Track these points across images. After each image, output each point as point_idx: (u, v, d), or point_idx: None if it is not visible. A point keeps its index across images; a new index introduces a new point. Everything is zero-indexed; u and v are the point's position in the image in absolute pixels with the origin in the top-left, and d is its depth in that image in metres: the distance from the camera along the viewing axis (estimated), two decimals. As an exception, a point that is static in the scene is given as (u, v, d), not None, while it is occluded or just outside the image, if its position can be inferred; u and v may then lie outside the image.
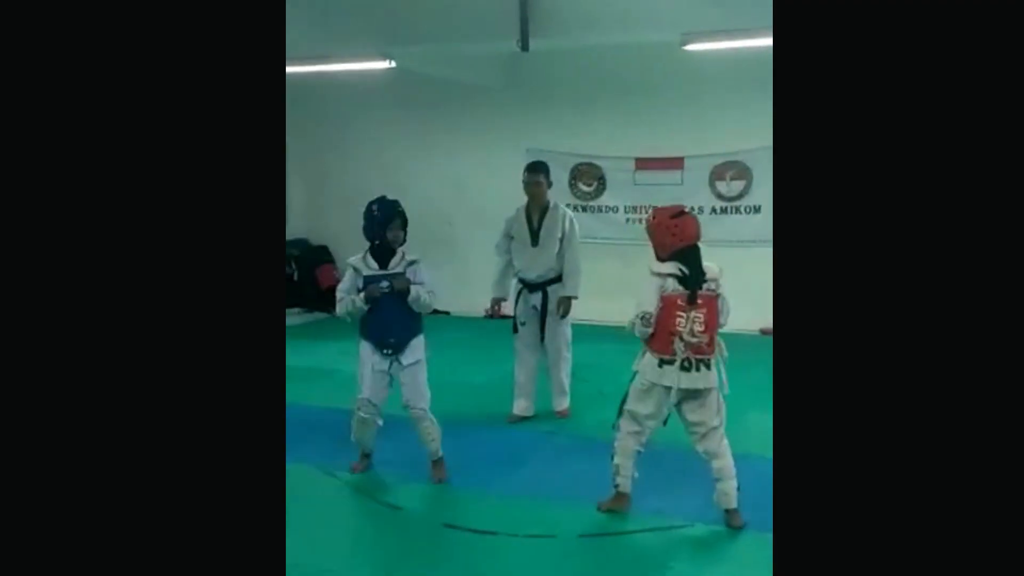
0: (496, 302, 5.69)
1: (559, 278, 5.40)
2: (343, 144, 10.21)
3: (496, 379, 6.06)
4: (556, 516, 3.86)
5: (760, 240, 7.69)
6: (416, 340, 4.34)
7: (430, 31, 6.86)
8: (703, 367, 3.61)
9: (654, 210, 3.95)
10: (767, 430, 1.93)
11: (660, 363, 3.63)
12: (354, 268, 4.33)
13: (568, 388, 5.62)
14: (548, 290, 5.40)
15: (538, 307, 5.43)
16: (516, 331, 5.47)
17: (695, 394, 3.65)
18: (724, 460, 3.70)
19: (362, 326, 4.32)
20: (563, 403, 5.62)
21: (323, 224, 10.49)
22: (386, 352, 4.25)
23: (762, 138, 4.37)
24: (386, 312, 4.22)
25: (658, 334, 3.62)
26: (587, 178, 8.96)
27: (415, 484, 4.33)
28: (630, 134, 8.58)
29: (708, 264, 3.68)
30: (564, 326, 5.51)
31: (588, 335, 7.62)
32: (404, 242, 4.32)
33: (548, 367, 5.60)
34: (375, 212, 4.28)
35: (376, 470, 4.53)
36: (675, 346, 3.57)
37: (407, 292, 4.21)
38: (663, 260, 3.69)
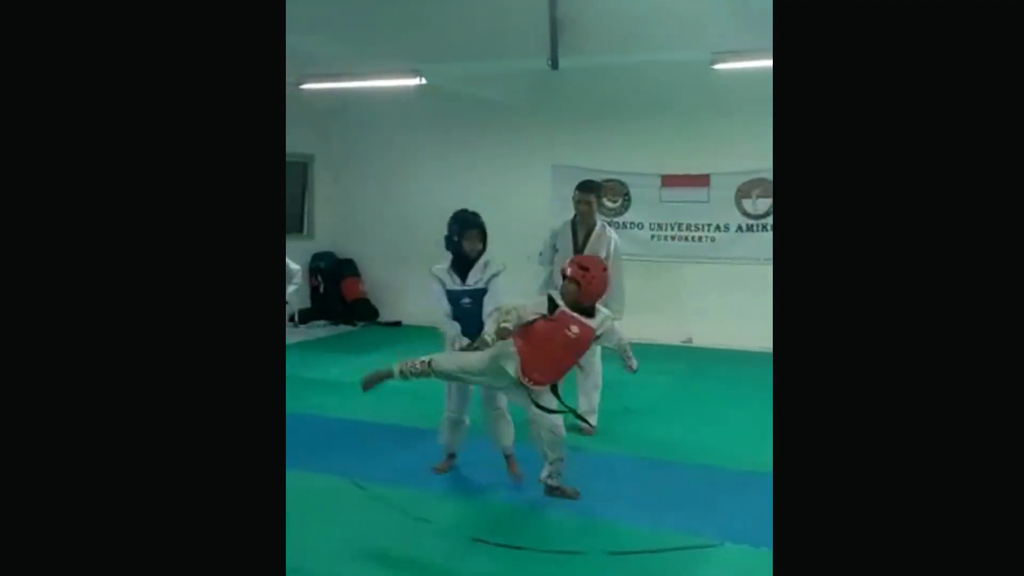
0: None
1: None
2: (370, 159, 10.31)
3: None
4: (584, 533, 3.87)
5: (786, 259, 7.67)
6: None
7: (461, 49, 6.94)
8: None
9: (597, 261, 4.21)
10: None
11: None
12: (439, 280, 4.45)
13: (596, 407, 5.63)
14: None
15: None
16: None
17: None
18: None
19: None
20: (590, 420, 5.61)
21: (349, 238, 10.58)
22: None
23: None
24: (466, 324, 4.36)
25: None
26: (612, 195, 8.99)
27: (443, 497, 4.35)
28: (656, 151, 8.61)
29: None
30: (596, 344, 5.54)
31: (612, 351, 7.64)
32: (482, 252, 4.46)
33: (577, 382, 5.62)
34: (452, 224, 4.44)
35: (404, 482, 4.55)
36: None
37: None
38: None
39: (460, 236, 4.42)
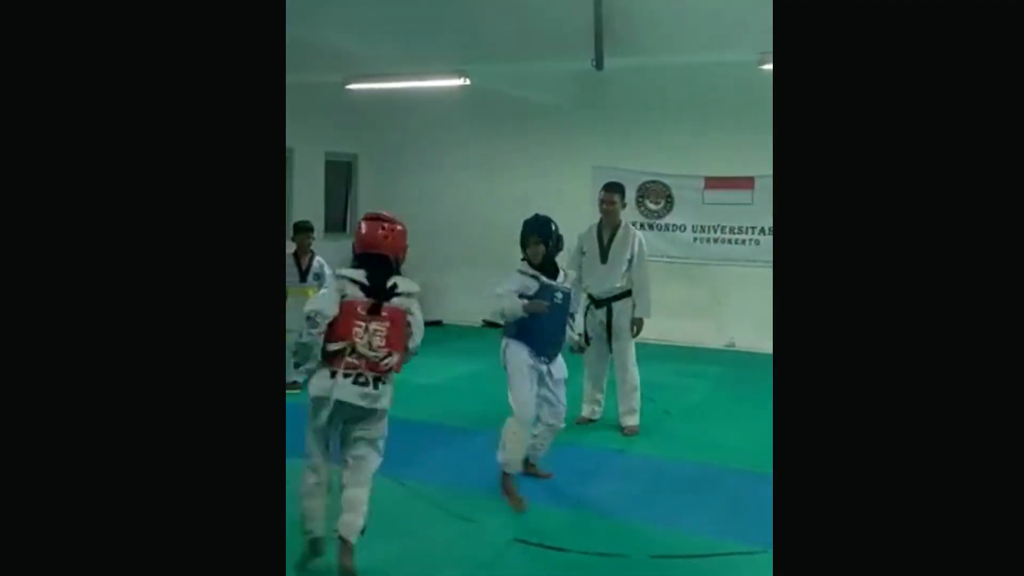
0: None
1: (624, 295, 5.55)
2: (414, 159, 10.38)
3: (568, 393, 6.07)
4: (627, 536, 3.85)
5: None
6: (560, 358, 4.43)
7: (505, 49, 6.96)
8: (380, 385, 3.32)
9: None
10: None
11: (332, 374, 3.29)
12: (521, 272, 4.36)
13: (638, 406, 5.62)
14: (613, 306, 5.54)
15: (604, 322, 5.58)
16: (588, 343, 5.49)
17: (365, 412, 3.35)
18: (359, 492, 3.39)
19: (521, 330, 4.31)
20: (631, 420, 5.61)
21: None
22: (543, 360, 4.35)
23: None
24: (550, 323, 4.31)
25: (334, 343, 3.30)
26: (655, 196, 8.93)
27: (484, 496, 4.36)
28: (700, 152, 8.53)
29: (405, 280, 3.43)
30: (629, 343, 5.60)
31: (653, 354, 7.59)
32: (545, 256, 4.30)
33: (616, 384, 5.62)
34: (523, 228, 4.41)
35: (444, 480, 4.57)
36: (347, 358, 3.26)
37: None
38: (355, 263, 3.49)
39: (523, 245, 4.34)
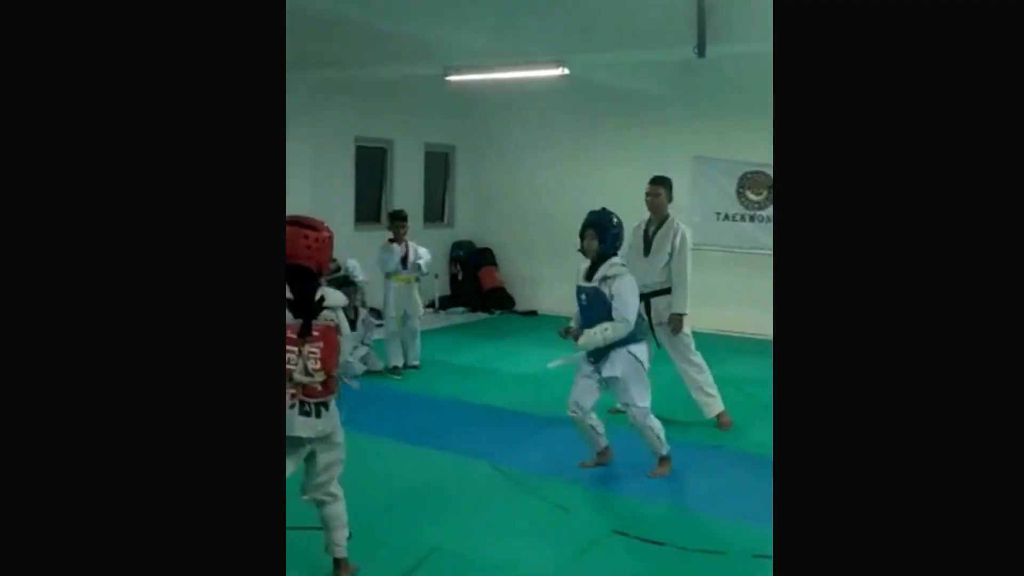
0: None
1: (664, 291, 5.44)
2: (511, 149, 10.42)
3: (666, 388, 6.02)
4: (727, 533, 3.79)
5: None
6: (616, 353, 4.33)
7: (605, 38, 6.89)
8: (323, 410, 3.04)
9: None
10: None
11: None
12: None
13: (713, 391, 5.54)
14: (652, 301, 5.43)
15: (644, 316, 5.35)
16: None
17: (324, 443, 3.13)
18: (335, 507, 3.23)
19: None
20: (713, 406, 5.53)
21: (489, 228, 10.74)
22: (590, 361, 4.40)
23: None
24: (584, 323, 4.40)
25: None
26: (756, 187, 8.72)
27: (581, 486, 4.37)
28: (805, 142, 8.27)
29: (331, 291, 3.15)
30: (678, 338, 5.49)
31: (751, 349, 7.44)
32: (598, 252, 4.34)
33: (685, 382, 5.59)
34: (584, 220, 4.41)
35: (542, 468, 4.59)
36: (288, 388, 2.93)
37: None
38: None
39: (581, 237, 4.39)
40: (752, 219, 8.65)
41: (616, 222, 4.38)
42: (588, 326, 4.32)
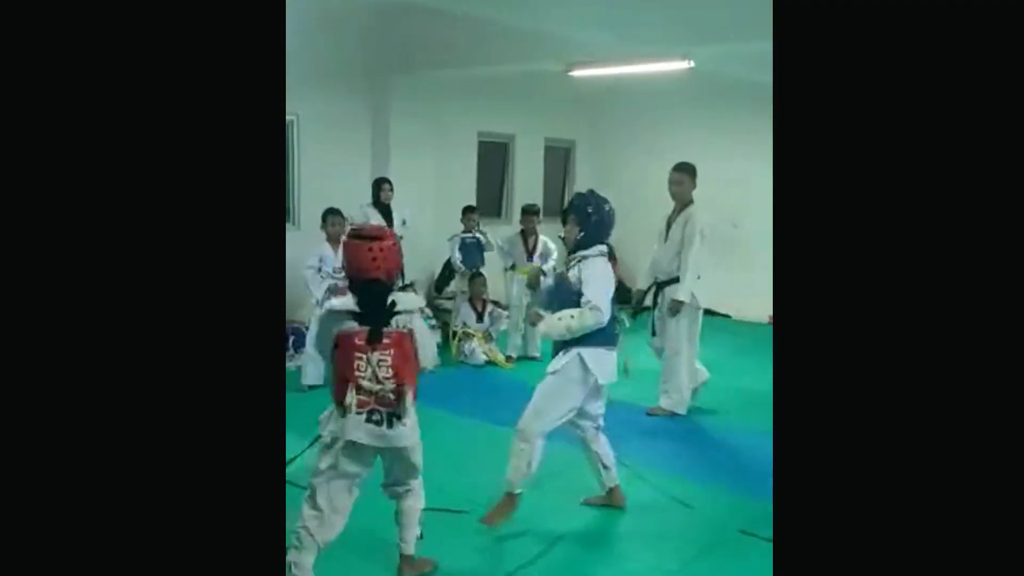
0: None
1: (676, 279, 5.40)
2: (633, 144, 10.36)
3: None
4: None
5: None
6: (568, 351, 3.70)
7: (733, 30, 6.74)
8: (396, 421, 2.94)
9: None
10: None
11: (342, 414, 2.95)
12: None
13: (676, 389, 5.55)
14: (666, 290, 5.46)
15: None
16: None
17: (394, 452, 3.06)
18: (409, 502, 3.21)
19: None
20: (662, 400, 5.59)
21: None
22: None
23: None
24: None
25: (337, 380, 2.97)
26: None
27: (707, 483, 4.32)
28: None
29: (404, 296, 3.06)
30: (675, 326, 5.46)
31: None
32: (578, 242, 3.74)
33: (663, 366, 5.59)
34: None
35: (666, 465, 4.57)
36: (350, 396, 2.89)
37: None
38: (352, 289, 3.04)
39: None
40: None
41: (600, 207, 3.74)
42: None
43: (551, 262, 6.97)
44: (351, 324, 2.93)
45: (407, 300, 3.05)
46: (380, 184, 7.10)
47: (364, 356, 2.90)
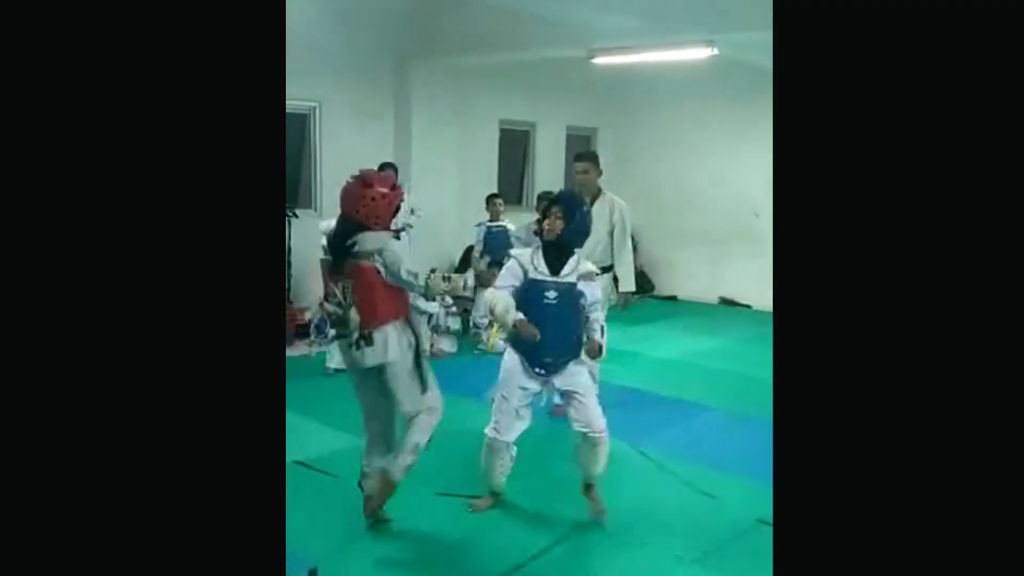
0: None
1: (605, 270, 5.10)
2: (655, 132, 10.32)
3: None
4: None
5: None
6: (576, 365, 3.70)
7: (758, 16, 6.67)
8: (362, 343, 3.34)
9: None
10: None
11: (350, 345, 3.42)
12: (515, 259, 3.79)
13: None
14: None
15: None
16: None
17: (372, 376, 3.45)
18: (432, 417, 3.56)
19: (515, 336, 3.70)
20: None
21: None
22: (538, 372, 3.70)
23: None
24: (544, 326, 3.56)
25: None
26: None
27: (729, 474, 4.31)
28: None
29: (370, 235, 3.32)
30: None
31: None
32: (562, 236, 3.61)
33: None
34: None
35: (688, 455, 4.56)
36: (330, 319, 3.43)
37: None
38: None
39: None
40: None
41: (587, 204, 3.75)
42: (553, 333, 3.51)
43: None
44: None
45: (368, 241, 3.31)
46: (383, 169, 7.08)
47: (332, 285, 3.35)
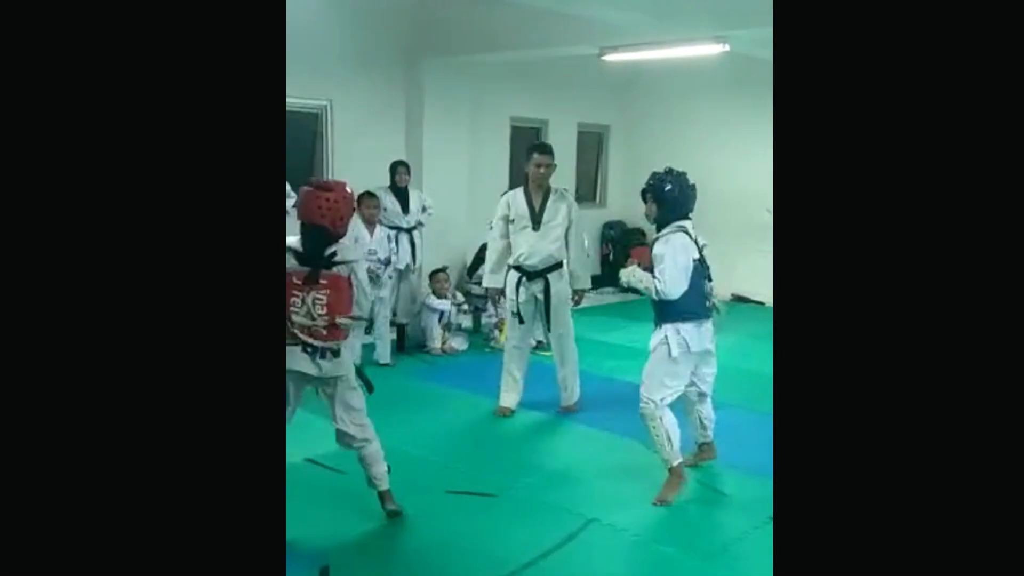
0: (498, 294, 5.56)
1: (558, 265, 5.19)
2: (667, 128, 10.27)
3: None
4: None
5: None
6: (655, 332, 4.01)
7: (768, 13, 6.65)
8: (329, 354, 3.32)
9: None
10: None
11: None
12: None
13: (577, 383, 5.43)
14: (549, 278, 5.18)
15: (540, 296, 5.20)
16: (522, 322, 5.30)
17: (327, 382, 3.43)
18: (369, 448, 3.56)
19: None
20: (571, 399, 5.42)
21: (641, 207, 10.62)
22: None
23: None
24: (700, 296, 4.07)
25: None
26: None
27: (741, 471, 4.31)
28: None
29: (347, 247, 3.41)
30: (569, 318, 5.32)
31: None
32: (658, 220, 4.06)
33: (557, 361, 5.39)
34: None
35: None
36: (289, 329, 3.27)
37: None
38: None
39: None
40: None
41: (676, 185, 4.03)
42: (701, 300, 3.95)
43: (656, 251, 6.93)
44: (294, 264, 3.29)
45: (348, 251, 3.40)
46: (396, 167, 7.09)
47: (300, 295, 3.26)
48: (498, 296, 5.63)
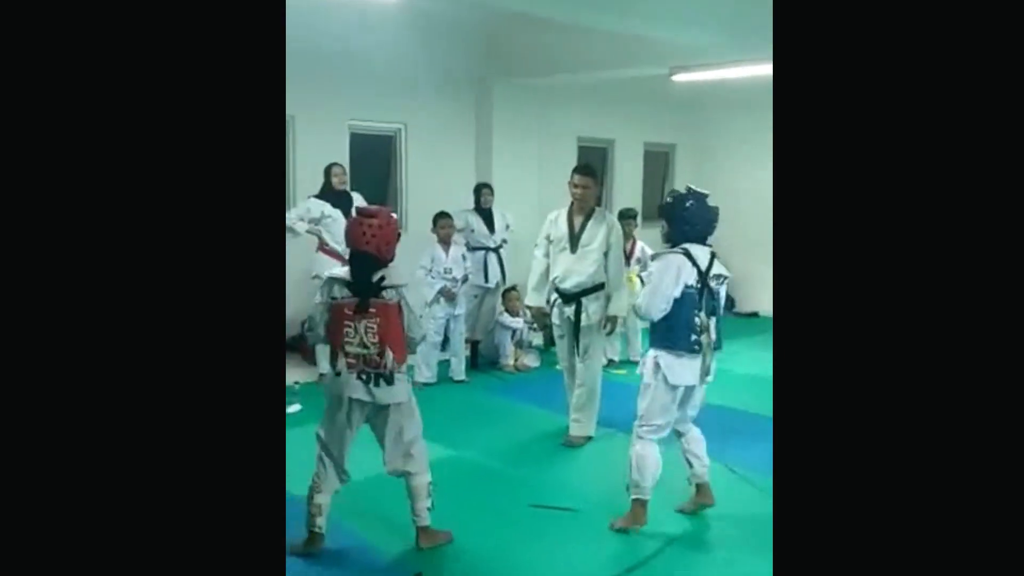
0: (539, 312, 5.32)
1: (595, 288, 4.99)
2: (733, 147, 10.25)
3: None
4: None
5: None
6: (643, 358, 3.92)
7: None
8: (382, 380, 3.34)
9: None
10: None
11: (337, 374, 3.41)
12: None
13: (595, 415, 5.17)
14: (583, 301, 4.99)
15: (572, 319, 5.03)
16: (554, 344, 5.20)
17: (381, 409, 3.44)
18: (418, 480, 3.53)
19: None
20: (583, 430, 5.17)
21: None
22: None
23: None
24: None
25: (332, 344, 3.43)
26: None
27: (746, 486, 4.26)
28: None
29: (394, 272, 3.39)
30: (598, 344, 5.15)
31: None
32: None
33: (568, 383, 5.25)
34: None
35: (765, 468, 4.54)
36: (340, 359, 3.35)
37: None
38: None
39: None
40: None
41: (685, 207, 3.82)
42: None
43: (650, 268, 6.96)
44: (345, 293, 3.35)
45: (396, 276, 3.39)
46: (480, 189, 7.27)
47: (352, 324, 3.31)
48: (538, 315, 5.41)
